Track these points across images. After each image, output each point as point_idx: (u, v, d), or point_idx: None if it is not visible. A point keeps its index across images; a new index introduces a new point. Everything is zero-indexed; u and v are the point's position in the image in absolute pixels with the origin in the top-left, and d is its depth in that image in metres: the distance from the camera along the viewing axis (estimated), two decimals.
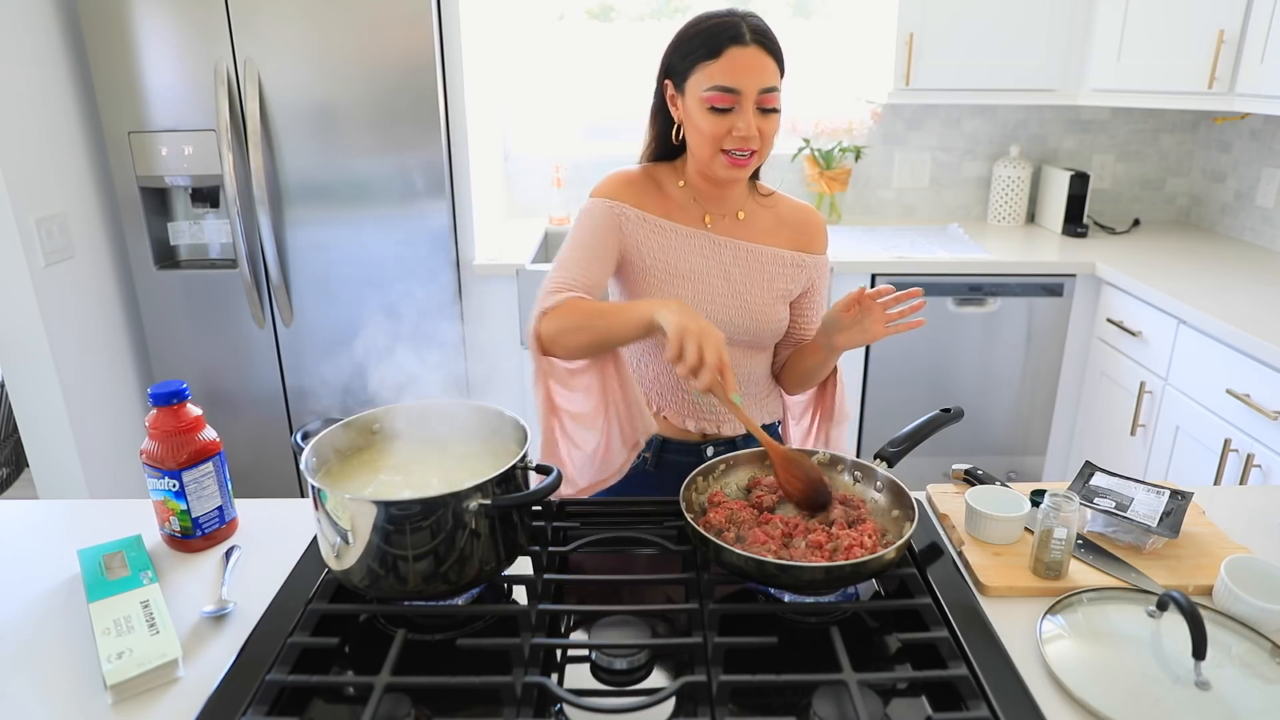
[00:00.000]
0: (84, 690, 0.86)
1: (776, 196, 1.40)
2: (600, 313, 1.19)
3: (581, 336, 1.21)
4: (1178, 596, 0.88)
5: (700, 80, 1.19)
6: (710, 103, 1.19)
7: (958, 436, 2.71)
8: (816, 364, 1.36)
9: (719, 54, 1.18)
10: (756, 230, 1.35)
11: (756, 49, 1.18)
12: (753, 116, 1.19)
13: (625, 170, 1.36)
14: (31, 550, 1.12)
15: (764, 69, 1.18)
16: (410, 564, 0.91)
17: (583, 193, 3.48)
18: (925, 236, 2.90)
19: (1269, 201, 2.72)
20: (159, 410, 1.07)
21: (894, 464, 1.15)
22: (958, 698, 0.84)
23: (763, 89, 1.18)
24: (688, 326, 1.05)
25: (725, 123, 1.19)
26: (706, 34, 1.19)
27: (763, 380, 1.43)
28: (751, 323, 1.33)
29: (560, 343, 1.23)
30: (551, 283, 1.28)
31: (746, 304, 1.32)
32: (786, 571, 0.93)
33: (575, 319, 1.21)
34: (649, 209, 1.32)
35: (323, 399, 2.64)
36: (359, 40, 2.28)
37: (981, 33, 2.64)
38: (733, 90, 1.18)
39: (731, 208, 1.34)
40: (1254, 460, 1.90)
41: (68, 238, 2.30)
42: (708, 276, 1.32)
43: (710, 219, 1.33)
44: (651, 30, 3.20)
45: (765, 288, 1.34)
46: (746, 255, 1.33)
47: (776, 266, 1.34)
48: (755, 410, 1.41)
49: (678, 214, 1.33)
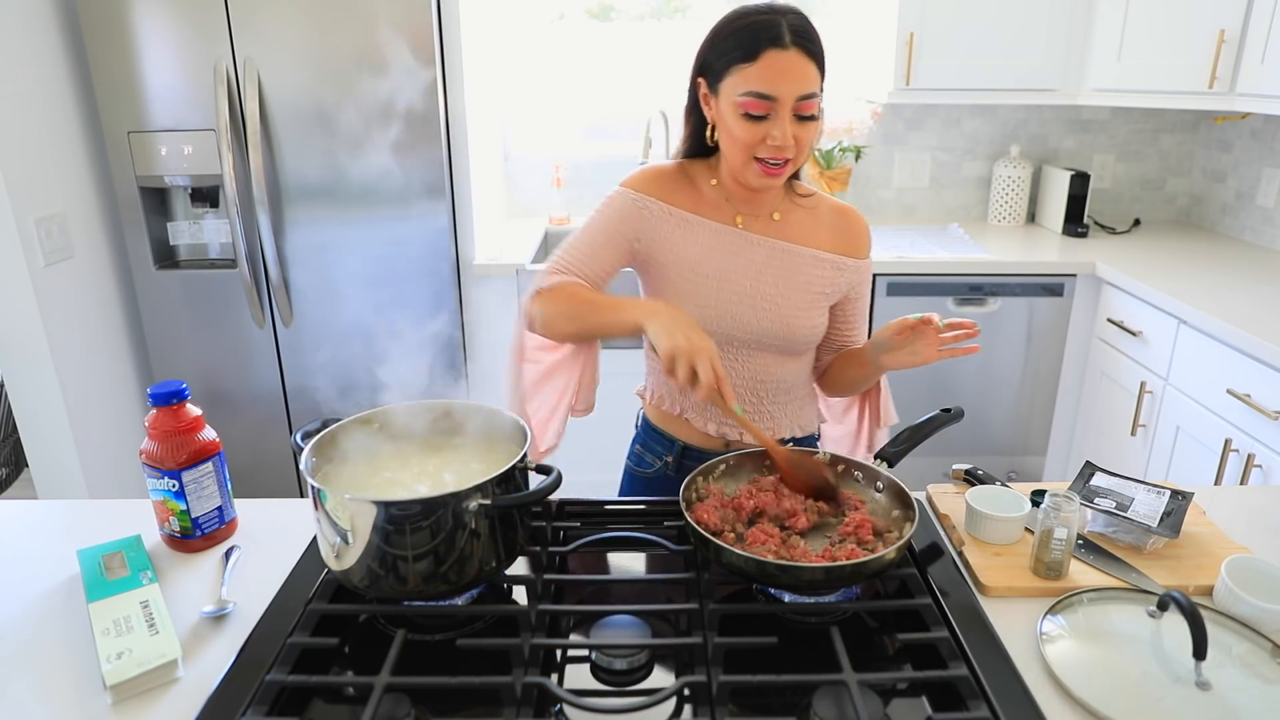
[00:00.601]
0: (84, 690, 0.86)
1: (817, 197, 1.32)
2: (593, 305, 1.18)
3: (570, 325, 1.21)
4: (1178, 596, 0.88)
5: (735, 84, 1.13)
6: (744, 109, 1.12)
7: (958, 436, 2.71)
8: (861, 376, 1.32)
9: (755, 57, 1.11)
10: (793, 230, 1.28)
11: (796, 52, 1.10)
12: (789, 124, 1.12)
13: (658, 164, 1.31)
14: (31, 550, 1.12)
15: (803, 74, 1.11)
16: (410, 564, 0.91)
17: (583, 192, 3.50)
18: (925, 236, 2.90)
19: (1269, 201, 2.72)
20: (159, 410, 1.07)
21: (894, 464, 1.15)
22: (958, 698, 0.84)
23: (801, 96, 1.11)
24: (678, 347, 1.03)
25: (759, 130, 1.13)
26: (743, 34, 1.12)
27: (797, 389, 1.36)
28: (782, 328, 1.27)
29: (549, 326, 1.23)
30: (554, 262, 1.27)
31: (777, 307, 1.26)
32: (786, 572, 0.93)
33: (568, 306, 1.20)
34: (677, 204, 1.27)
35: (323, 399, 2.64)
36: (359, 40, 2.28)
37: (981, 33, 2.64)
38: (768, 97, 1.11)
39: (766, 209, 1.28)
40: (1254, 460, 1.90)
41: (67, 238, 2.30)
42: (735, 277, 1.25)
43: (743, 219, 1.27)
44: (651, 30, 3.20)
45: (801, 290, 1.27)
46: (781, 255, 1.26)
47: (815, 268, 1.27)
48: (789, 423, 1.35)
49: (708, 211, 1.27)
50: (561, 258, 1.27)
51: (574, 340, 1.26)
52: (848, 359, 1.35)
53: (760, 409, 1.33)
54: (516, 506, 0.95)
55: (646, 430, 1.43)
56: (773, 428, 1.34)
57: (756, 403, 1.33)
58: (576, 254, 1.27)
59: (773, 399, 1.34)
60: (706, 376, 1.02)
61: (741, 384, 1.31)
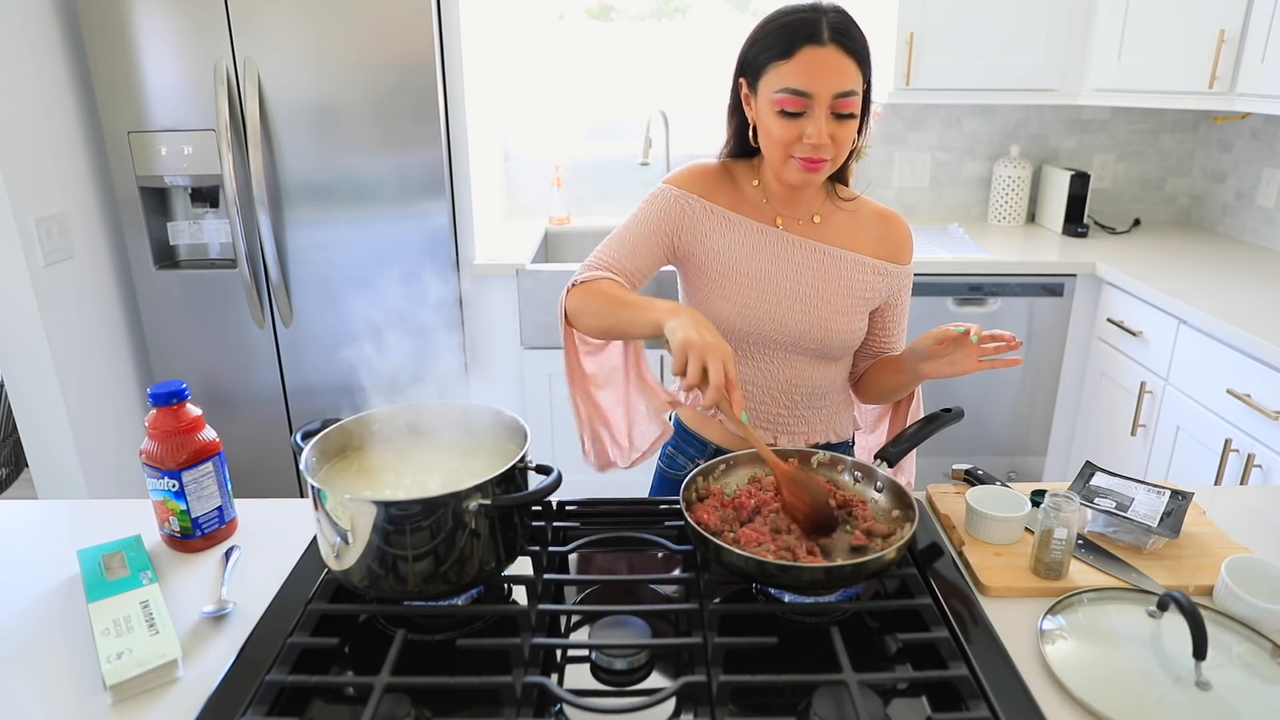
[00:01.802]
0: (84, 690, 0.86)
1: (859, 201, 1.31)
2: (621, 303, 1.18)
3: (599, 321, 1.21)
4: (1178, 596, 0.88)
5: (772, 81, 1.12)
6: (780, 105, 1.12)
7: (958, 436, 2.71)
8: (898, 384, 1.31)
9: (792, 54, 1.10)
10: (834, 234, 1.27)
11: (834, 49, 1.09)
12: (825, 122, 1.11)
13: (702, 162, 1.31)
14: (31, 550, 1.12)
15: (840, 71, 1.10)
16: (410, 564, 0.91)
17: (583, 193, 3.50)
18: (925, 236, 2.90)
19: (1269, 201, 2.72)
20: (159, 410, 1.07)
21: (894, 464, 1.15)
22: (958, 698, 0.84)
23: (838, 93, 1.10)
24: (692, 341, 1.02)
25: (795, 128, 1.12)
26: (782, 31, 1.11)
27: (833, 394, 1.35)
28: (820, 331, 1.26)
29: (581, 321, 1.24)
30: (593, 257, 1.28)
31: (816, 311, 1.25)
32: (786, 572, 0.93)
33: (598, 303, 1.20)
34: (719, 201, 1.27)
35: (323, 399, 2.64)
36: (359, 40, 2.28)
37: (981, 32, 2.64)
38: (804, 94, 1.10)
39: (806, 211, 1.27)
40: (1254, 460, 1.90)
41: (67, 238, 2.30)
42: (775, 278, 1.25)
43: (783, 220, 1.26)
44: (651, 30, 3.20)
45: (841, 294, 1.26)
46: (822, 258, 1.26)
47: (857, 272, 1.27)
48: (824, 429, 1.35)
49: (749, 210, 1.27)
50: (601, 254, 1.28)
51: (605, 337, 1.27)
52: (884, 365, 1.35)
53: (795, 413, 1.33)
54: (516, 506, 0.95)
55: (679, 431, 1.44)
56: (807, 432, 1.35)
57: (791, 406, 1.33)
58: (615, 251, 1.27)
59: (808, 403, 1.33)
60: (717, 377, 1.01)
61: (777, 387, 1.31)
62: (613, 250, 1.28)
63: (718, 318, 1.25)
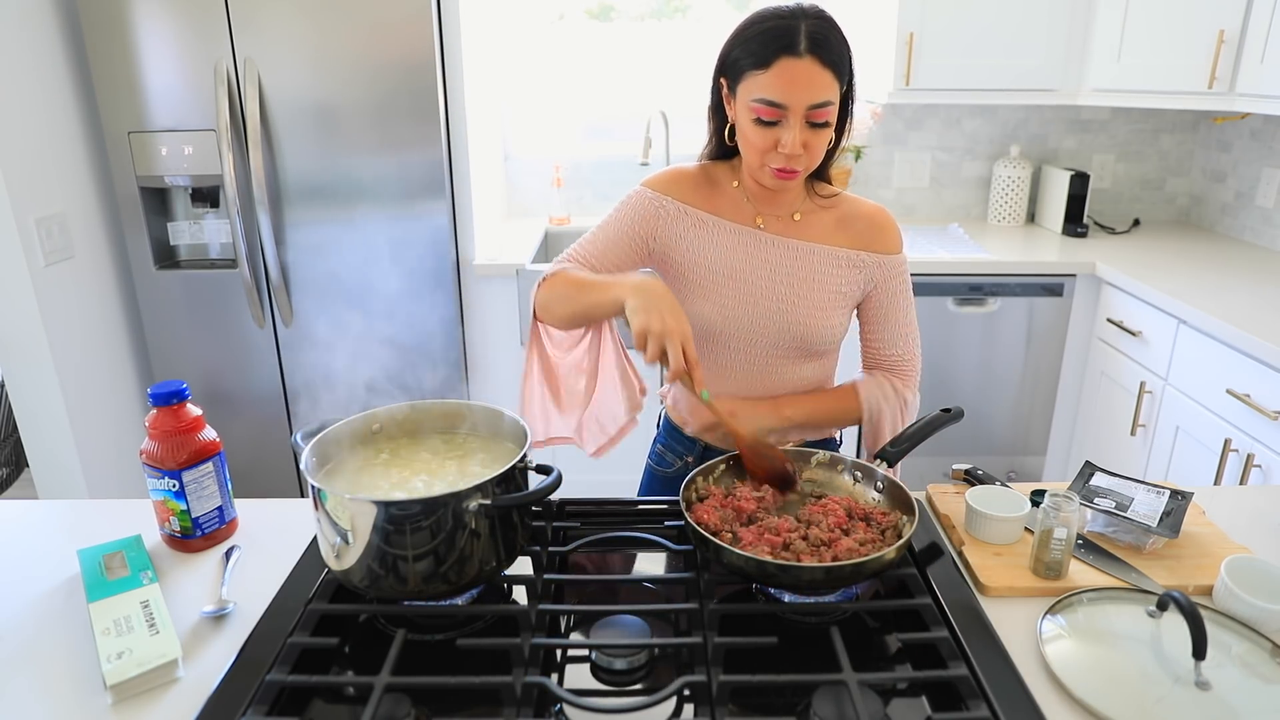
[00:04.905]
0: (84, 690, 0.86)
1: (841, 198, 1.31)
2: (585, 286, 1.20)
3: (565, 307, 1.23)
4: (1178, 596, 0.88)
5: (749, 89, 1.13)
6: (756, 114, 1.13)
7: (958, 436, 2.71)
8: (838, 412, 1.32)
9: (769, 65, 1.10)
10: (813, 230, 1.28)
11: (811, 61, 1.09)
12: (799, 131, 1.12)
13: (682, 166, 1.33)
14: (31, 550, 1.12)
15: (814, 84, 1.10)
16: (410, 564, 0.91)
17: (583, 193, 3.50)
18: (925, 236, 2.90)
19: (1269, 201, 2.72)
20: (159, 410, 1.07)
21: (894, 464, 1.16)
22: (958, 698, 0.84)
23: (812, 105, 1.11)
24: (651, 326, 1.05)
25: (770, 136, 1.14)
26: (761, 39, 1.12)
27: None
28: (798, 328, 1.27)
29: (549, 311, 1.25)
30: (565, 253, 1.30)
31: (794, 307, 1.26)
32: (786, 572, 0.93)
33: (562, 290, 1.22)
34: (695, 204, 1.29)
35: (322, 399, 2.63)
36: (359, 40, 2.28)
37: (981, 33, 2.64)
38: (779, 105, 1.11)
39: (786, 210, 1.28)
40: (1254, 460, 1.90)
41: (68, 238, 2.30)
42: (751, 278, 1.26)
43: (763, 220, 1.28)
44: (651, 30, 3.20)
45: (816, 289, 1.27)
46: (796, 254, 1.27)
47: (831, 265, 1.27)
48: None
49: (728, 212, 1.28)
50: (571, 250, 1.30)
51: (573, 324, 1.27)
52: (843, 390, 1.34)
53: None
54: (516, 506, 0.95)
55: (668, 430, 1.45)
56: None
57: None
58: (587, 247, 1.30)
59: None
60: (676, 360, 1.05)
61: (760, 385, 1.32)
62: (585, 248, 1.30)
63: (698, 317, 1.27)
